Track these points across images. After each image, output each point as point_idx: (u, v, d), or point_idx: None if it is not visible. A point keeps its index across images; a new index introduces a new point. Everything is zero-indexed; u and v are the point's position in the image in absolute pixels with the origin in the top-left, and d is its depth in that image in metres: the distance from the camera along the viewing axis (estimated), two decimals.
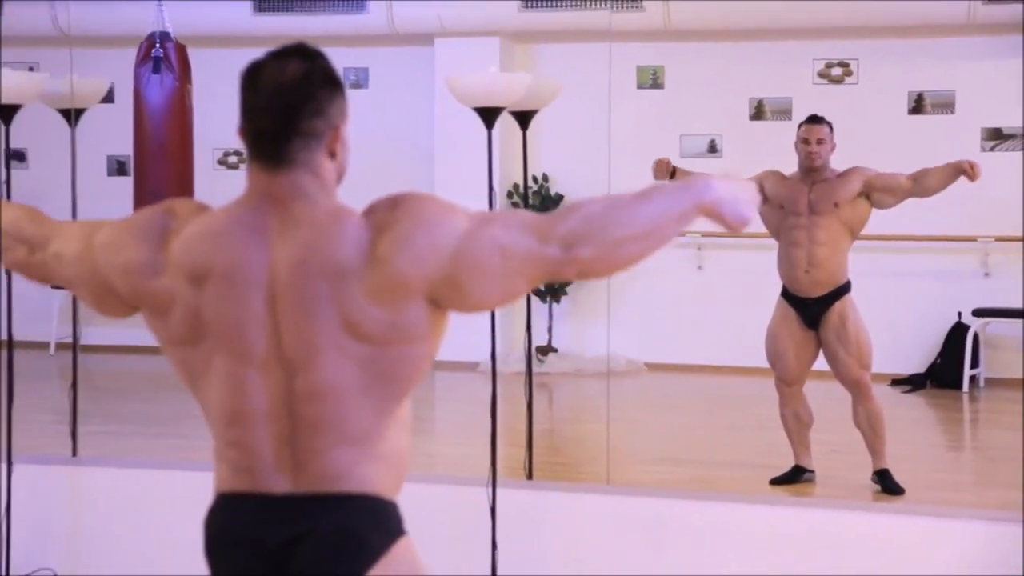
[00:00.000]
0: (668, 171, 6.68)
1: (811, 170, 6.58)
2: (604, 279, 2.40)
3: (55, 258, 2.61)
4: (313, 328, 2.32)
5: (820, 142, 6.56)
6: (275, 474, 2.36)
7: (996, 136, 9.94)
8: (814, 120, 6.64)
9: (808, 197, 6.56)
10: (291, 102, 2.35)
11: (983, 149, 9.95)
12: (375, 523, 2.37)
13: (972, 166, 6.41)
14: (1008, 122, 9.89)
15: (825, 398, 6.73)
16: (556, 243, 2.34)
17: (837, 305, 6.53)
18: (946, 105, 10.05)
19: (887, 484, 6.40)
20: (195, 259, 2.37)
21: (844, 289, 6.56)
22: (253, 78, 2.38)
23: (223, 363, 2.37)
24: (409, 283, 2.32)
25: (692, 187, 2.46)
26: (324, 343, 2.33)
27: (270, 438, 2.36)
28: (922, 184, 6.53)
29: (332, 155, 2.41)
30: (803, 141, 6.60)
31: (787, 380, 6.63)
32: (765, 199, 6.53)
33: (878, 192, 6.53)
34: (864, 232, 6.73)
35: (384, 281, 2.31)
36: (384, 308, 2.32)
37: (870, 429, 6.52)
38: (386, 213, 2.36)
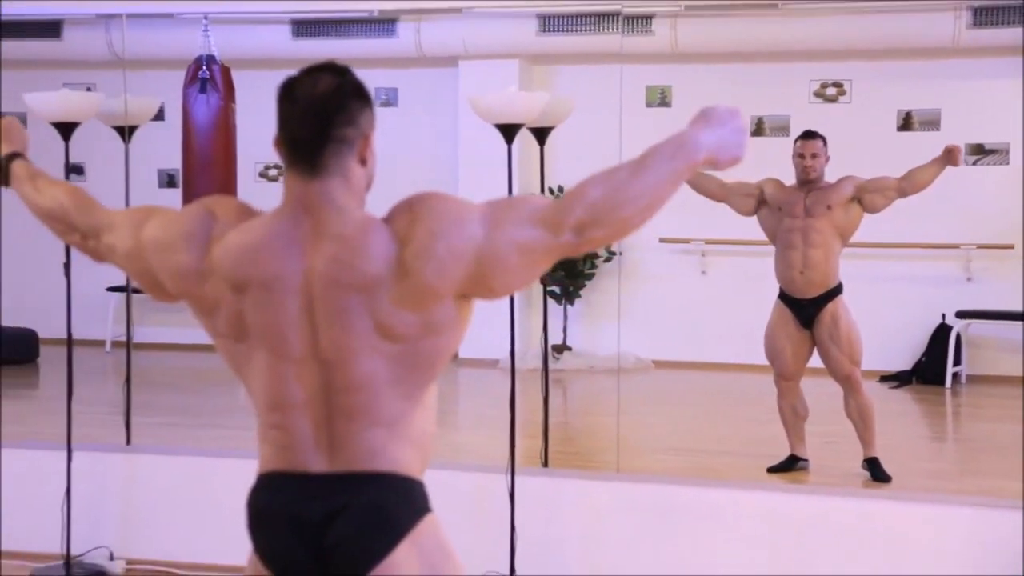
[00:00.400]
0: None
1: (807, 182, 6.59)
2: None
3: (108, 250, 2.62)
4: (348, 334, 2.34)
5: (815, 156, 6.58)
6: (314, 453, 2.37)
7: (979, 151, 9.92)
8: (809, 136, 6.65)
9: (804, 202, 6.59)
10: (324, 111, 2.37)
11: (966, 163, 9.91)
12: (404, 500, 2.38)
13: (952, 151, 6.42)
14: (990, 138, 9.87)
15: (819, 393, 6.73)
16: (568, 231, 2.34)
17: (830, 306, 6.54)
18: (932, 122, 10.03)
19: (875, 472, 6.40)
20: (236, 269, 2.38)
21: (836, 291, 6.57)
22: (289, 91, 2.40)
23: (264, 358, 2.39)
24: (437, 291, 2.33)
25: (684, 149, 2.44)
26: (358, 346, 2.34)
27: (309, 422, 2.37)
28: (912, 180, 6.55)
29: (363, 162, 2.42)
30: (799, 156, 6.62)
31: (784, 376, 6.64)
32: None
33: (869, 194, 6.54)
34: (856, 240, 6.73)
35: (413, 290, 2.32)
36: (414, 312, 2.34)
37: (860, 420, 6.52)
38: (404, 222, 2.36)
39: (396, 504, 2.37)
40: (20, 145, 2.94)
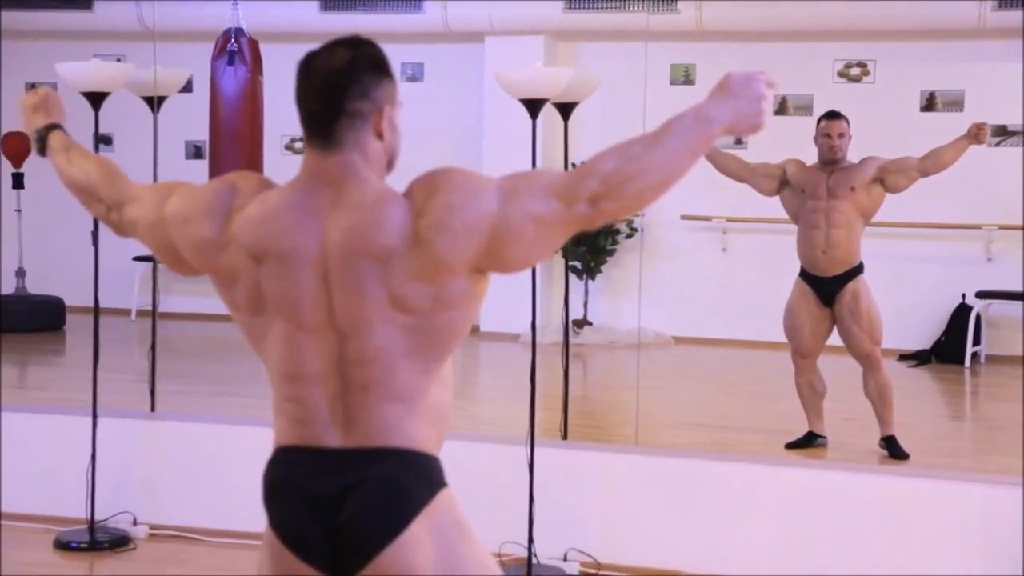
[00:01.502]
0: None
1: (831, 162, 6.57)
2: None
3: (130, 224, 2.63)
4: (362, 304, 2.33)
5: (841, 136, 6.56)
6: (328, 427, 2.37)
7: (1002, 133, 9.88)
8: (834, 116, 6.62)
9: (827, 183, 6.56)
10: (337, 85, 2.36)
11: (989, 144, 9.86)
12: (419, 476, 2.37)
13: (980, 128, 6.40)
14: (1013, 120, 9.82)
15: (838, 371, 6.73)
16: (583, 203, 2.32)
17: (851, 284, 6.53)
18: (955, 103, 9.99)
19: (893, 449, 6.40)
20: (255, 240, 2.38)
21: (858, 270, 6.56)
22: (307, 65, 2.40)
23: (281, 329, 2.39)
24: (451, 264, 2.32)
25: (699, 123, 2.39)
26: (373, 316, 2.33)
27: (324, 395, 2.37)
28: (934, 159, 6.52)
29: (379, 136, 2.40)
30: (824, 135, 6.59)
31: (803, 353, 6.63)
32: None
33: (891, 174, 6.52)
34: (878, 219, 6.72)
35: (427, 263, 2.31)
36: (428, 284, 2.32)
37: (879, 399, 6.52)
38: (422, 195, 2.35)
39: (411, 480, 2.35)
40: (58, 116, 2.95)
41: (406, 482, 2.35)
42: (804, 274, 6.65)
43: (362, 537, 2.32)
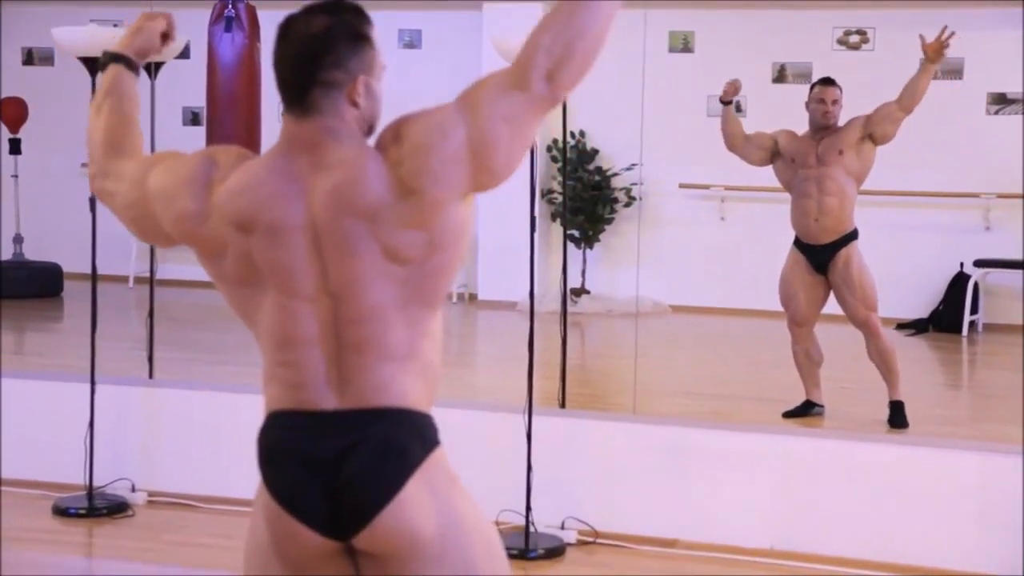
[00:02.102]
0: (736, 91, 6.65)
1: (823, 128, 6.57)
2: None
3: (108, 195, 2.60)
4: (356, 263, 2.34)
5: (835, 102, 6.57)
6: (324, 390, 2.37)
7: (1000, 101, 9.86)
8: (828, 82, 6.63)
9: (816, 151, 6.57)
10: (311, 53, 2.36)
11: (988, 113, 9.88)
12: (415, 434, 2.37)
13: (932, 47, 6.36)
14: (1012, 88, 9.80)
15: (835, 339, 6.73)
16: (539, 82, 2.36)
17: (843, 251, 6.53)
18: (955, 71, 9.95)
19: (894, 417, 6.39)
20: (240, 211, 2.38)
21: (851, 236, 6.56)
22: (284, 30, 2.40)
23: (274, 297, 2.39)
24: (443, 200, 2.34)
25: None
26: (367, 274, 2.34)
27: (319, 358, 2.37)
28: (909, 93, 6.54)
29: (354, 104, 2.40)
30: (818, 101, 6.58)
31: (798, 321, 6.64)
32: None
33: (877, 124, 6.53)
34: (876, 188, 6.72)
35: (419, 208, 2.33)
36: (421, 230, 2.34)
37: (882, 364, 6.52)
38: (392, 146, 2.36)
39: (408, 439, 2.36)
40: (145, 52, 2.80)
41: (403, 441, 2.35)
42: (798, 242, 6.66)
43: (361, 497, 2.33)
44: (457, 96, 2.40)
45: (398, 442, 2.35)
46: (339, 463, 2.34)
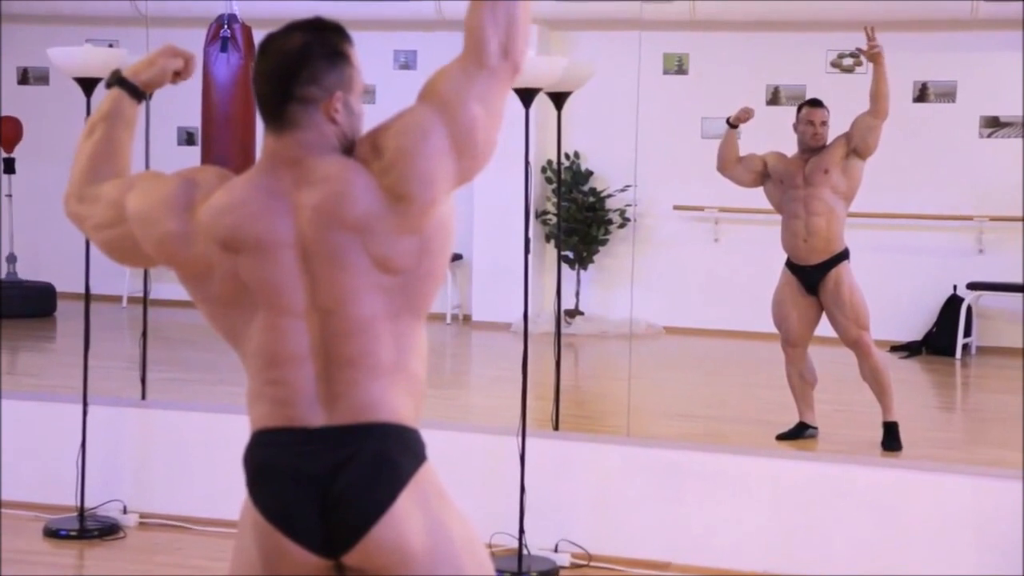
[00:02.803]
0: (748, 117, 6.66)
1: (812, 150, 6.58)
2: None
3: (77, 218, 2.59)
4: (346, 275, 2.34)
5: (823, 124, 6.59)
6: (313, 407, 2.36)
7: (994, 124, 9.87)
8: (815, 104, 6.65)
9: (803, 171, 6.58)
10: (287, 68, 2.39)
11: (981, 136, 9.89)
12: (405, 449, 2.37)
13: (866, 51, 6.47)
14: (1005, 111, 9.82)
15: (829, 362, 6.72)
16: (497, 59, 2.43)
17: (833, 271, 6.53)
18: (948, 94, 9.97)
19: (888, 440, 6.37)
20: (226, 230, 2.37)
21: (841, 256, 6.56)
22: (263, 47, 2.43)
23: (264, 315, 2.38)
24: (435, 198, 2.35)
25: None
26: (358, 286, 2.34)
27: (309, 374, 2.36)
28: (876, 98, 6.54)
29: (332, 120, 2.40)
30: (807, 123, 6.60)
31: (791, 342, 6.63)
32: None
33: (857, 139, 6.54)
34: (869, 210, 6.73)
35: (411, 213, 2.33)
36: (414, 234, 2.35)
37: (875, 384, 6.51)
38: (372, 156, 2.37)
39: (398, 453, 2.36)
40: (155, 81, 2.80)
41: (394, 456, 2.35)
42: (789, 263, 6.68)
43: (353, 513, 2.32)
44: (419, 96, 2.42)
45: (389, 457, 2.34)
46: (330, 479, 2.33)
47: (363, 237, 2.33)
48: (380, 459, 2.34)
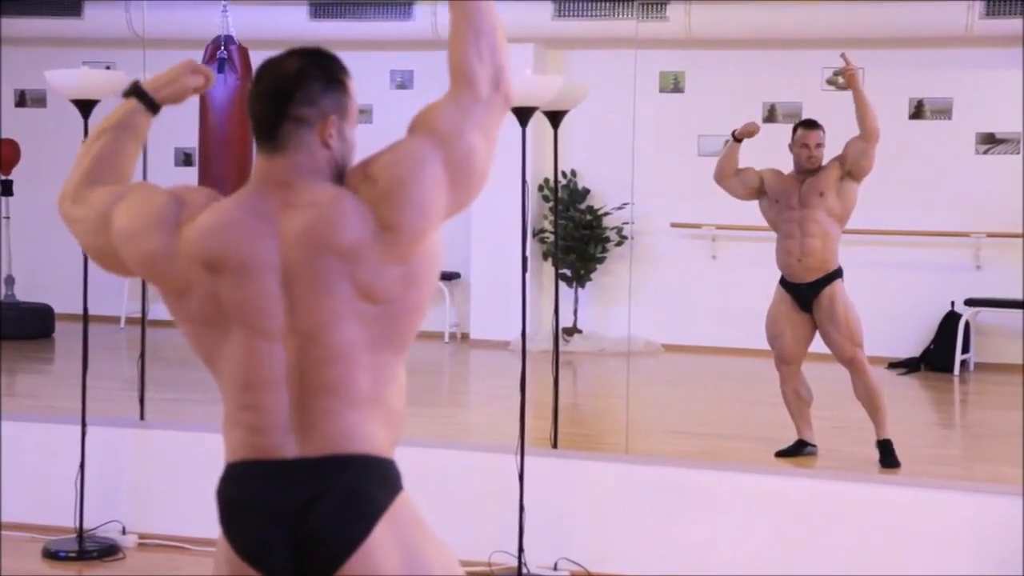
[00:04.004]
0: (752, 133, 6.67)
1: (808, 172, 6.59)
2: None
3: (72, 221, 2.58)
4: (328, 300, 2.32)
5: (818, 146, 6.58)
6: (286, 435, 2.33)
7: (990, 140, 9.89)
8: (810, 125, 6.64)
9: (799, 192, 6.59)
10: (284, 90, 2.38)
11: (977, 152, 9.91)
12: (379, 481, 2.35)
13: (844, 72, 6.51)
14: (1001, 127, 9.84)
15: (826, 379, 6.72)
16: (488, 91, 2.41)
17: (827, 289, 6.55)
18: (944, 111, 10.00)
19: (885, 457, 6.37)
20: (209, 250, 2.36)
21: (835, 275, 6.58)
22: (260, 71, 2.43)
23: (240, 338, 2.36)
24: (426, 229, 2.34)
25: None
26: (339, 312, 2.32)
27: (284, 401, 2.33)
28: (863, 122, 6.52)
29: (326, 145, 2.39)
30: (802, 146, 6.59)
31: (785, 359, 6.64)
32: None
33: (851, 163, 6.55)
34: (867, 227, 6.74)
35: (400, 243, 2.32)
36: (400, 263, 2.33)
37: (868, 402, 6.52)
38: (365, 185, 2.35)
39: (373, 486, 2.33)
40: (169, 97, 2.78)
41: (368, 488, 2.33)
42: (783, 281, 6.68)
43: (327, 548, 2.30)
44: (410, 128, 2.42)
45: (364, 489, 2.32)
46: (303, 514, 2.30)
47: (349, 264, 2.31)
48: (354, 492, 2.31)
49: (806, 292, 6.57)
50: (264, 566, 2.34)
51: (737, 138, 6.77)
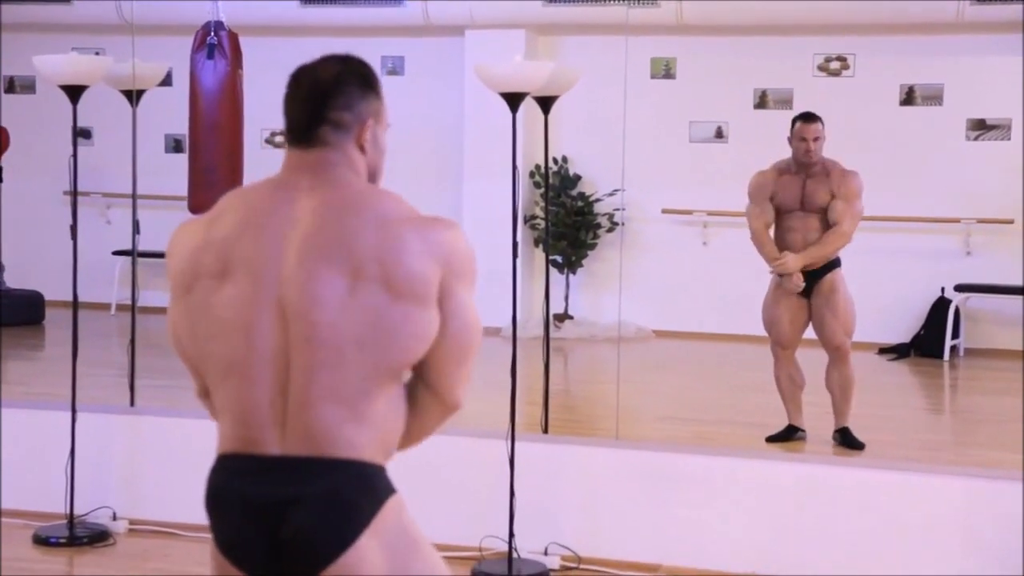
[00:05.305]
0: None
1: (807, 164, 6.57)
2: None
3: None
4: (325, 272, 2.28)
5: (816, 139, 6.54)
6: (269, 427, 2.29)
7: (980, 126, 9.91)
8: (809, 118, 6.57)
9: (801, 195, 6.56)
10: (322, 94, 2.39)
11: (968, 138, 9.93)
12: (364, 489, 2.31)
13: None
14: (991, 113, 9.86)
15: (817, 365, 6.73)
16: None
17: (828, 276, 6.56)
18: (935, 97, 10.01)
19: (848, 440, 6.45)
20: (220, 209, 2.39)
21: (835, 263, 6.59)
22: (296, 77, 2.43)
23: (230, 304, 2.31)
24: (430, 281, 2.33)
25: None
26: (333, 289, 2.27)
27: (268, 385, 2.29)
28: (832, 230, 6.50)
29: (361, 148, 2.42)
30: (800, 139, 6.56)
31: (781, 344, 6.66)
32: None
33: (831, 207, 6.52)
34: None
35: (394, 280, 2.30)
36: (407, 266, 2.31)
37: (840, 392, 6.55)
38: (430, 252, 2.33)
39: (355, 494, 2.30)
40: None
41: (351, 497, 2.29)
42: None
43: (307, 553, 2.27)
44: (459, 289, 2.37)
45: (347, 497, 2.28)
46: (282, 513, 2.28)
47: (355, 246, 2.30)
48: (335, 500, 2.28)
49: (806, 279, 6.58)
50: (244, 564, 2.32)
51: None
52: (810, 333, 6.67)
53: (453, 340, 2.36)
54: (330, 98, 2.39)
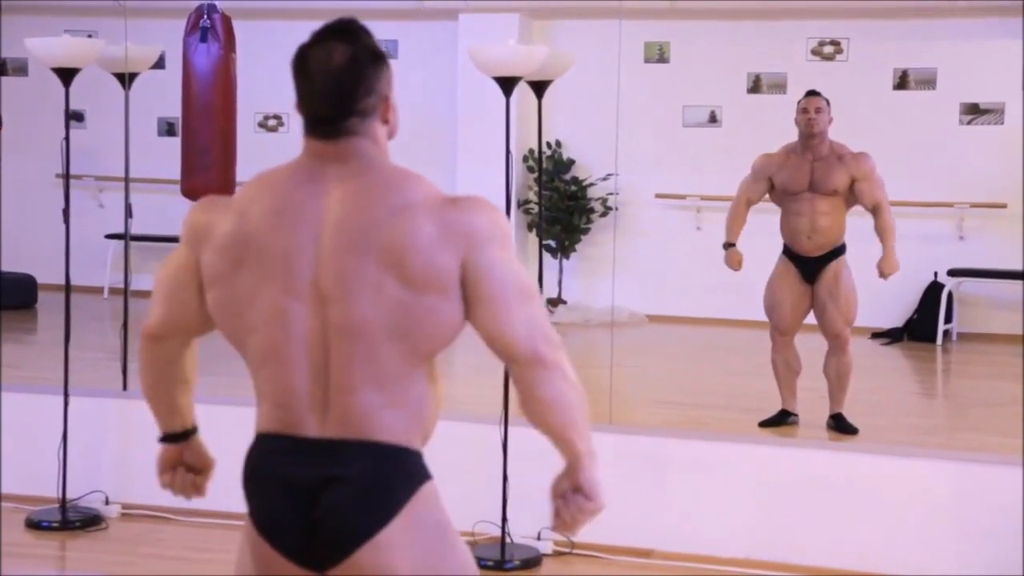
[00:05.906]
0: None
1: (810, 136, 6.54)
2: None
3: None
4: (356, 263, 2.28)
5: (818, 111, 6.54)
6: (308, 412, 2.31)
7: (973, 111, 9.91)
8: (812, 93, 6.62)
9: (810, 177, 6.53)
10: (343, 87, 2.32)
11: (961, 123, 9.93)
12: (399, 473, 2.32)
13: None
14: (985, 98, 9.86)
15: (813, 350, 6.73)
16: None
17: (833, 264, 6.55)
18: (928, 81, 10.01)
19: (842, 425, 6.46)
20: (247, 198, 2.36)
21: (841, 250, 6.58)
22: (303, 64, 2.34)
23: (267, 295, 2.31)
24: (436, 280, 2.32)
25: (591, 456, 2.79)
26: (362, 281, 2.27)
27: (305, 372, 2.30)
28: (877, 220, 6.54)
29: (385, 122, 2.40)
30: (802, 111, 6.57)
31: (781, 329, 6.65)
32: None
33: (862, 184, 6.50)
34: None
35: (418, 268, 2.30)
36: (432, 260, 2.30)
37: (837, 379, 6.55)
38: (459, 233, 2.32)
39: (391, 478, 2.31)
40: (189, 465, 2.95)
41: (386, 480, 2.30)
42: (788, 251, 6.66)
43: (339, 533, 2.29)
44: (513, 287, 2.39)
45: (381, 481, 2.30)
46: (318, 493, 2.29)
47: (380, 232, 2.29)
48: (372, 482, 2.29)
49: (812, 265, 6.57)
50: (275, 540, 2.34)
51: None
52: (809, 319, 6.66)
53: (491, 302, 2.35)
54: (352, 88, 2.33)
